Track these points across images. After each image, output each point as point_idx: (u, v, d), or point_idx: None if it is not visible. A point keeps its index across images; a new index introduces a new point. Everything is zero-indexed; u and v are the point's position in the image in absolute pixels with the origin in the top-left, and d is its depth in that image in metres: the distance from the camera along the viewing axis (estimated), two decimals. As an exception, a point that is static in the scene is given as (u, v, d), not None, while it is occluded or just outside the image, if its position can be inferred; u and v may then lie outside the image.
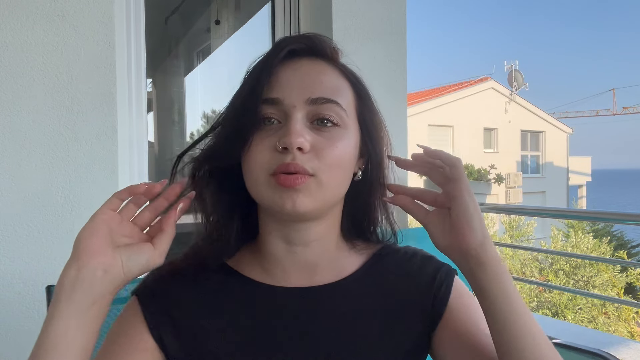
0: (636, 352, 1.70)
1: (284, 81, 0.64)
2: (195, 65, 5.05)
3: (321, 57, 0.68)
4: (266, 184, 0.62)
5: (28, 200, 1.66)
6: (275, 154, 0.61)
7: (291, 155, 0.60)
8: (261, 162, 0.62)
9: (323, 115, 0.63)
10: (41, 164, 1.67)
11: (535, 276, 7.69)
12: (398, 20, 2.43)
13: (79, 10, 1.72)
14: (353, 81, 0.70)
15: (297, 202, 0.61)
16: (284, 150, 0.60)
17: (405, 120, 2.44)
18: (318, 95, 0.63)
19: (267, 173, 0.62)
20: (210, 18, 4.04)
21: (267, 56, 0.66)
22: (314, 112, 0.63)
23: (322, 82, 0.65)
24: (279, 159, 0.61)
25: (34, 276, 1.65)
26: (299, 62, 0.66)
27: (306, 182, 0.61)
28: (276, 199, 0.61)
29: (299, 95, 0.63)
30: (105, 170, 1.76)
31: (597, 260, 7.42)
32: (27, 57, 1.66)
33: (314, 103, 0.63)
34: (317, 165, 0.61)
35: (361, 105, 0.70)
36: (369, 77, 0.74)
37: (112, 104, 1.77)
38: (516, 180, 16.89)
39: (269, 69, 0.64)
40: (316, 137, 0.62)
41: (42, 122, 1.68)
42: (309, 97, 0.63)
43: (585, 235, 8.14)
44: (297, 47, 0.67)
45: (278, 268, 0.69)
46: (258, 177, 0.62)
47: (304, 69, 0.65)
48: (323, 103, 0.63)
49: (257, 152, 0.62)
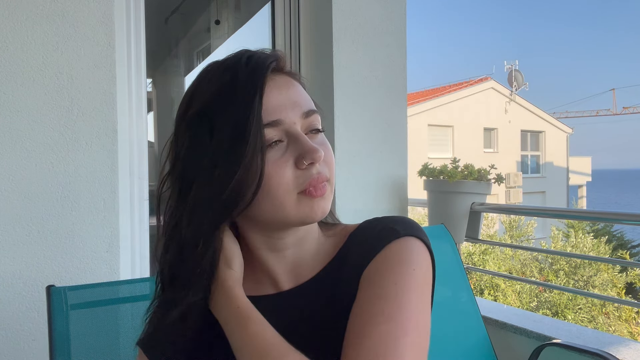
0: (636, 352, 1.70)
1: (275, 102, 0.65)
2: (195, 65, 5.05)
3: (282, 71, 0.69)
4: (295, 201, 0.64)
5: (28, 200, 1.66)
6: (298, 171, 0.64)
7: (315, 169, 0.64)
8: (287, 182, 0.63)
9: (314, 125, 0.67)
10: (41, 164, 1.67)
11: (535, 276, 7.68)
12: (398, 20, 2.43)
13: (79, 10, 1.72)
14: (304, 85, 0.73)
15: (325, 208, 0.66)
16: (309, 165, 0.64)
17: (405, 120, 2.44)
18: (307, 108, 0.67)
19: (296, 191, 0.64)
20: (210, 18, 4.04)
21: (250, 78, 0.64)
22: (307, 124, 0.67)
23: (300, 95, 0.68)
24: (306, 176, 0.64)
25: (34, 276, 1.65)
26: (274, 79, 0.66)
27: (327, 187, 0.66)
28: (307, 211, 0.64)
29: (294, 112, 0.66)
30: (105, 170, 1.76)
31: (597, 260, 7.42)
32: (27, 57, 1.66)
33: (307, 116, 0.67)
34: (328, 170, 0.67)
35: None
36: (369, 77, 0.75)
37: (112, 104, 1.77)
38: (516, 180, 16.89)
39: (260, 92, 0.63)
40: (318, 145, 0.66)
41: (42, 122, 1.68)
42: (302, 112, 0.66)
43: (585, 235, 8.13)
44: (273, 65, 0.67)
45: (267, 276, 0.71)
46: (286, 198, 0.63)
47: (284, 86, 0.67)
48: (311, 114, 0.67)
49: (279, 175, 0.63)
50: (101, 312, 1.18)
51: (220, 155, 0.62)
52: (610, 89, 67.02)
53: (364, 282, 0.64)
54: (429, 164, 2.45)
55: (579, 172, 22.75)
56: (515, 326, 1.92)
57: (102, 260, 1.75)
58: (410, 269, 0.62)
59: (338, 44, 2.25)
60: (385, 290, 0.61)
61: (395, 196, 2.41)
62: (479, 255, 7.54)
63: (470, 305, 1.84)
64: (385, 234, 0.67)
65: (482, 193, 2.30)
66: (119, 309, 1.21)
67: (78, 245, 1.72)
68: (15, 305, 1.63)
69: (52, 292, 1.13)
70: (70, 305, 1.13)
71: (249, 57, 0.67)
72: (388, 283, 0.61)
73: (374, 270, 0.64)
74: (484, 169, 2.31)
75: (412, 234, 0.66)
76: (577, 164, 22.99)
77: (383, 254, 0.65)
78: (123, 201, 1.82)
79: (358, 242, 0.70)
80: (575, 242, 7.99)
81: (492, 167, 2.34)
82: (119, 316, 1.20)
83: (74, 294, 1.15)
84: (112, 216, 1.77)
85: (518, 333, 1.91)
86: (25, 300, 1.64)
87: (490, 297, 6.84)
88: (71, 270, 1.70)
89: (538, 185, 19.92)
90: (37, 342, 1.64)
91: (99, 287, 1.23)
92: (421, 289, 0.62)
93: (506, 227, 8.64)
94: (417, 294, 0.61)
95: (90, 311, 1.17)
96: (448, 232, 1.91)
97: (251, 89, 0.63)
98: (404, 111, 2.45)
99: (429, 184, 2.42)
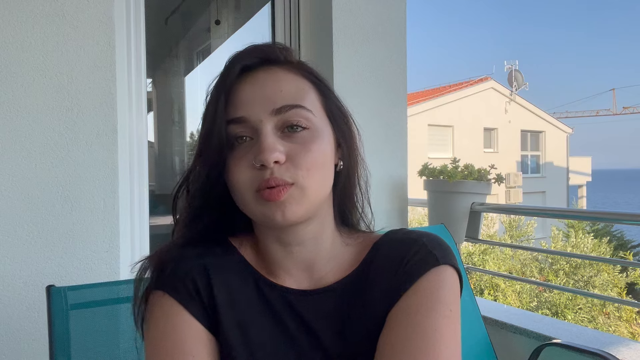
0: (636, 352, 1.70)
1: (244, 98, 0.65)
2: (195, 65, 5.05)
3: (275, 64, 0.69)
4: (254, 200, 0.64)
5: (28, 200, 1.65)
6: (254, 171, 0.63)
7: (269, 171, 0.62)
8: (244, 181, 0.64)
9: (291, 122, 0.65)
10: (41, 164, 1.67)
11: (535, 276, 7.68)
12: (398, 20, 2.43)
13: (79, 10, 1.72)
14: (312, 79, 0.70)
15: (286, 213, 0.62)
16: (261, 167, 0.62)
17: (405, 120, 2.44)
18: (281, 104, 0.64)
19: (252, 190, 0.63)
20: (210, 18, 4.04)
21: (222, 77, 0.67)
22: (282, 121, 0.65)
23: (281, 90, 0.66)
24: (260, 176, 0.63)
25: (34, 276, 1.65)
26: (254, 76, 0.67)
27: (288, 191, 0.62)
28: (266, 212, 0.63)
29: (263, 109, 0.64)
30: (105, 170, 1.76)
31: (597, 260, 7.41)
32: (27, 57, 1.66)
33: (279, 112, 0.64)
34: (295, 173, 0.63)
35: (326, 100, 0.71)
36: (369, 77, 0.75)
37: (112, 104, 1.77)
38: (516, 180, 16.89)
39: (226, 90, 0.66)
40: (290, 145, 0.64)
41: (42, 122, 1.68)
42: (273, 108, 0.64)
43: (585, 235, 8.13)
44: (249, 62, 0.68)
45: (280, 269, 0.70)
46: (244, 196, 0.64)
47: (260, 82, 0.66)
48: (288, 110, 0.64)
49: (238, 173, 0.64)
50: (101, 312, 1.18)
51: (198, 150, 0.67)
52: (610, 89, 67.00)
53: (401, 314, 0.63)
54: (429, 164, 2.45)
55: (579, 172, 22.75)
56: (515, 326, 1.92)
57: (102, 260, 1.75)
58: (448, 310, 0.62)
59: (338, 44, 2.25)
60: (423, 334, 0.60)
61: (395, 196, 2.41)
62: (479, 255, 7.53)
63: (470, 305, 1.83)
64: (422, 258, 0.66)
65: (482, 193, 2.30)
66: (119, 309, 1.21)
67: (78, 245, 1.72)
68: (15, 305, 1.63)
69: (52, 292, 1.13)
70: (70, 305, 1.13)
71: (234, 55, 0.69)
72: (427, 328, 0.60)
73: (414, 306, 0.63)
74: (484, 169, 2.31)
75: (449, 262, 0.66)
76: (577, 164, 22.98)
77: (422, 285, 0.64)
78: (123, 201, 1.82)
79: (386, 255, 0.69)
80: (575, 242, 7.99)
81: (492, 167, 2.34)
82: (119, 316, 1.20)
83: (74, 294, 1.15)
84: (112, 216, 1.77)
85: (518, 333, 1.91)
86: (25, 300, 1.64)
87: (490, 297, 6.84)
88: (71, 270, 1.70)
89: (538, 185, 19.92)
90: (37, 342, 1.64)
91: (99, 287, 1.23)
92: (454, 330, 0.62)
93: (506, 227, 8.63)
94: (451, 338, 0.61)
95: (90, 311, 1.17)
96: (448, 232, 1.91)
97: (220, 85, 0.67)
98: (404, 111, 2.45)
99: (429, 184, 2.42)
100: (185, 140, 5.08)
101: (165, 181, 4.60)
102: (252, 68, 0.68)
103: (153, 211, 2.06)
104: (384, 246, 0.71)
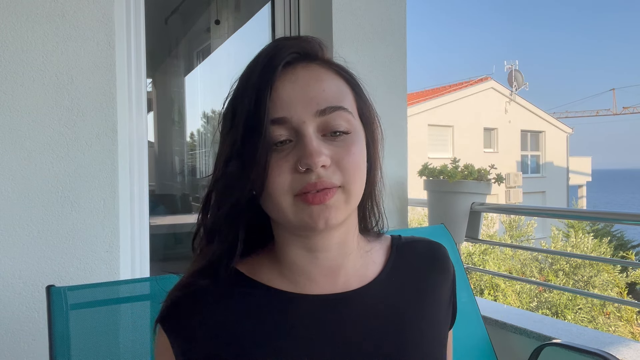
0: (636, 352, 1.70)
1: (286, 97, 0.61)
2: (195, 65, 5.05)
3: (314, 61, 0.66)
4: (292, 205, 0.61)
5: (28, 200, 1.66)
6: (296, 175, 0.60)
7: (315, 174, 0.60)
8: (283, 185, 0.60)
9: (333, 126, 0.62)
10: (41, 164, 1.67)
11: (535, 276, 7.68)
12: (398, 20, 2.43)
13: (79, 10, 1.72)
14: (347, 78, 0.68)
15: (330, 217, 0.61)
16: (307, 170, 0.60)
17: (405, 120, 2.44)
18: (325, 105, 0.62)
19: (291, 194, 0.61)
20: (210, 18, 4.04)
21: (262, 72, 0.62)
22: (324, 123, 0.62)
23: (324, 90, 0.63)
24: (303, 180, 0.60)
25: (34, 276, 1.65)
26: (294, 73, 0.63)
27: (335, 194, 0.61)
28: (306, 218, 0.61)
29: (306, 110, 0.61)
30: (105, 170, 1.76)
31: (597, 260, 7.41)
32: (27, 57, 1.66)
33: (322, 114, 0.61)
34: (341, 177, 0.61)
35: (359, 100, 0.68)
36: (369, 77, 0.74)
37: (112, 104, 1.77)
38: (516, 180, 16.88)
39: (268, 88, 0.61)
40: (333, 148, 0.62)
41: (42, 122, 1.68)
42: (317, 110, 0.61)
43: (585, 235, 8.13)
44: (290, 58, 0.64)
45: (302, 276, 0.67)
46: (282, 201, 0.61)
47: (302, 80, 0.63)
48: (332, 112, 0.62)
49: (277, 176, 0.60)
50: (101, 312, 1.18)
51: (234, 150, 0.62)
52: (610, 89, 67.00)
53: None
54: (429, 164, 2.45)
55: (579, 172, 22.74)
56: (515, 326, 1.92)
57: (102, 260, 1.75)
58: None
59: (338, 44, 2.25)
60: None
61: (395, 196, 2.41)
62: (479, 255, 7.53)
63: (470, 305, 1.83)
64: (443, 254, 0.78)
65: (482, 193, 2.30)
66: (119, 309, 1.21)
67: (78, 245, 1.72)
68: (15, 305, 1.63)
69: (52, 292, 1.13)
70: (70, 305, 1.13)
71: (271, 47, 0.64)
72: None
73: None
74: (484, 169, 2.31)
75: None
76: (577, 164, 22.98)
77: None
78: (123, 201, 1.82)
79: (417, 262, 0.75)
80: (575, 242, 7.98)
81: (492, 167, 2.34)
82: (119, 316, 1.20)
83: (74, 294, 1.15)
84: (112, 216, 1.77)
85: (518, 333, 1.90)
86: (25, 300, 1.64)
87: (490, 297, 6.83)
88: (71, 270, 1.70)
89: (538, 185, 19.92)
90: (37, 342, 1.64)
91: (99, 287, 1.23)
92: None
93: (506, 227, 8.63)
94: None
95: (90, 311, 1.17)
96: (448, 232, 1.91)
97: (261, 83, 0.62)
98: (404, 111, 2.45)
99: (429, 184, 2.42)
100: (185, 140, 5.08)
101: (165, 181, 4.60)
102: (291, 64, 0.64)
103: (153, 211, 2.07)
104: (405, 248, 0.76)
